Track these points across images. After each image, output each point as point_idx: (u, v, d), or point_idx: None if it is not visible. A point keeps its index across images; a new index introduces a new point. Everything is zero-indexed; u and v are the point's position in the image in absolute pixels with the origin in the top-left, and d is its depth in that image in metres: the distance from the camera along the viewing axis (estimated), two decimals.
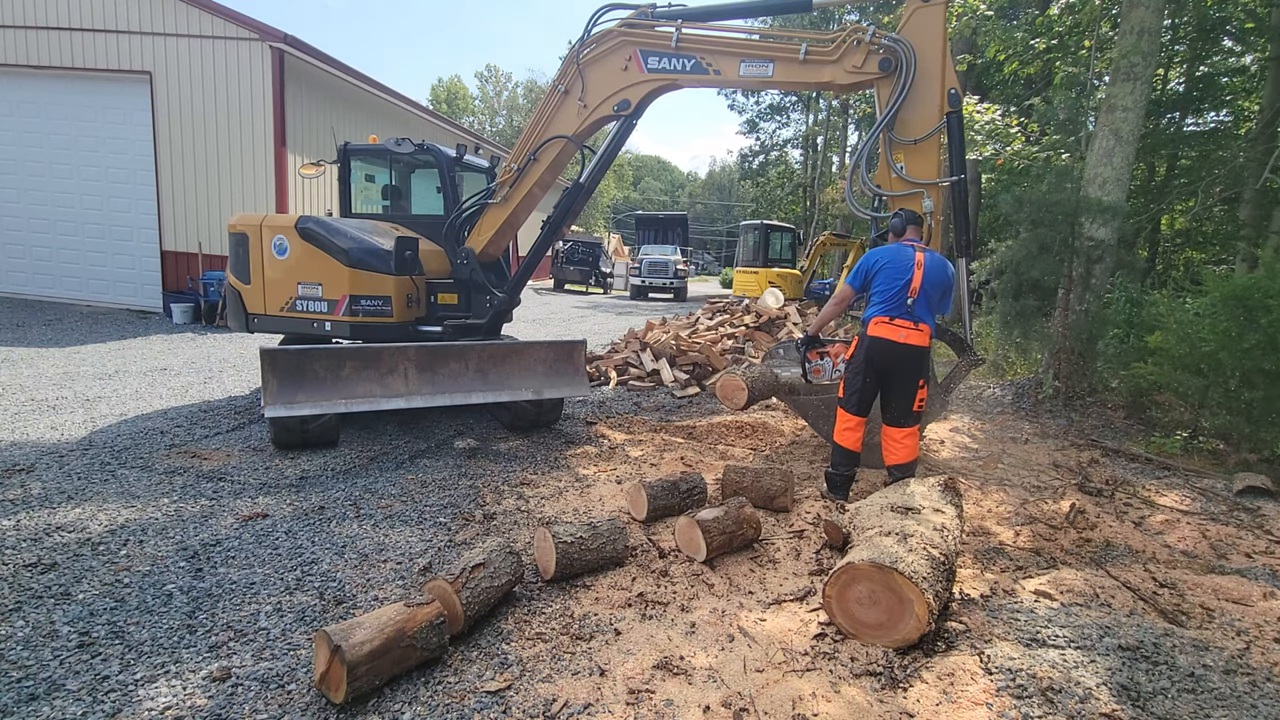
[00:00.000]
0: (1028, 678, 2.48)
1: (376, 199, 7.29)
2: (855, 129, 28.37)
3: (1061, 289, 7.34)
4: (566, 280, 25.65)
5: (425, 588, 2.81)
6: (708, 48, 5.16)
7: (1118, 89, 7.35)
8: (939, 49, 4.69)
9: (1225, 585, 3.36)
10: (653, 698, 2.39)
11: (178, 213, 11.85)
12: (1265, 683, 2.52)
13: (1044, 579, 3.37)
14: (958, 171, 4.72)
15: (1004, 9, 12.29)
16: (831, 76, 4.92)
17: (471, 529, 3.92)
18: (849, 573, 2.78)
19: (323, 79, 12.60)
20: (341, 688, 2.26)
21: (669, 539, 3.74)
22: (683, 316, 12.58)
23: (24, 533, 3.59)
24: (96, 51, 11.54)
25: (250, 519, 3.90)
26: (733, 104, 38.52)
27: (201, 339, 10.09)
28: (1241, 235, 10.37)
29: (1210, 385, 5.64)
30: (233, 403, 6.61)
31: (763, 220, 23.38)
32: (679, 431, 6.18)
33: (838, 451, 4.41)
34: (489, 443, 5.70)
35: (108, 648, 2.64)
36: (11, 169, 12.16)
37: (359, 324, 5.61)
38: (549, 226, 5.97)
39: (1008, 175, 12.42)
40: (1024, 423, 6.81)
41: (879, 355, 4.20)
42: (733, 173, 62.14)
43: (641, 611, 3.00)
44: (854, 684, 2.48)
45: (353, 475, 4.75)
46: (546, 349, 5.70)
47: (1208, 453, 5.89)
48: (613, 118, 5.55)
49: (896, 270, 4.16)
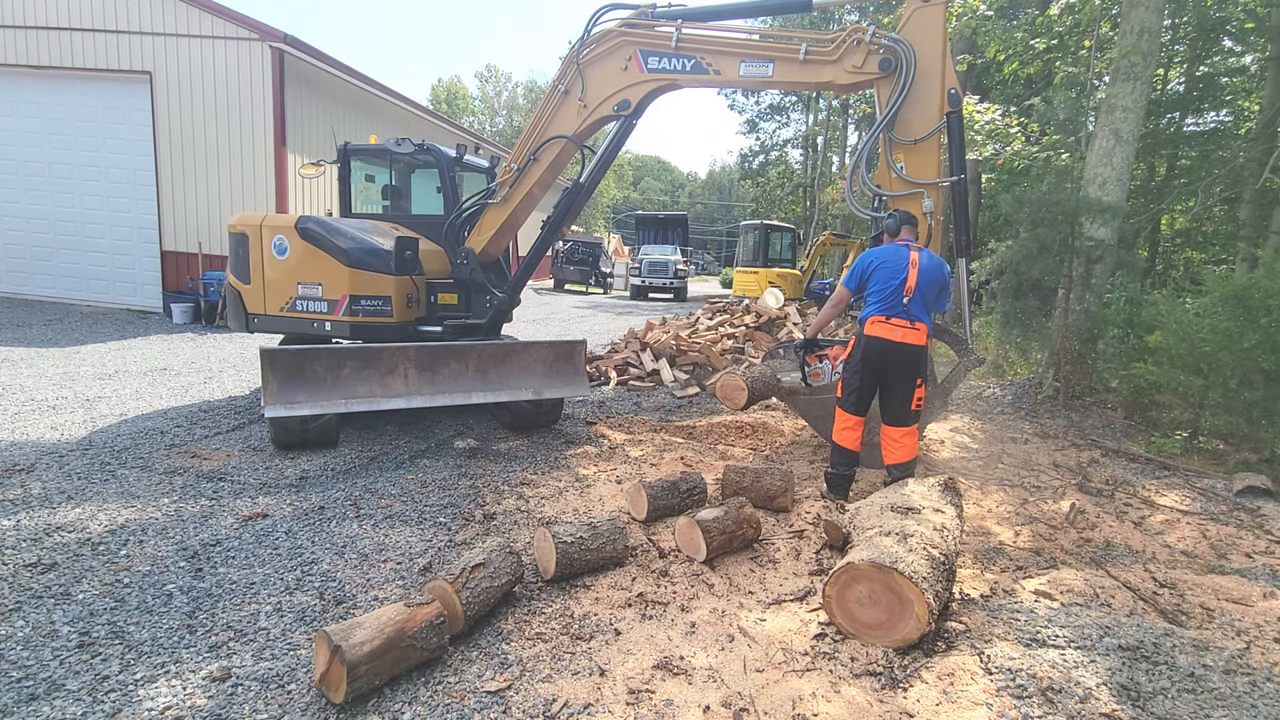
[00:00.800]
0: (1028, 678, 2.48)
1: (376, 199, 7.29)
2: (855, 129, 28.37)
3: (1061, 289, 7.34)
4: (566, 280, 25.64)
5: (425, 588, 2.81)
6: (708, 48, 5.16)
7: (1118, 89, 7.35)
8: (939, 49, 4.69)
9: (1225, 585, 3.36)
10: (653, 698, 2.39)
11: (178, 213, 11.85)
12: (1265, 683, 2.52)
13: (1044, 579, 3.37)
14: (958, 171, 4.72)
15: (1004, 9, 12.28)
16: (831, 76, 4.92)
17: (471, 529, 3.92)
18: (849, 573, 2.78)
19: (323, 79, 12.60)
20: (341, 688, 2.26)
21: (669, 539, 3.74)
22: (683, 316, 12.58)
23: (24, 533, 3.59)
24: (96, 51, 11.54)
25: (250, 519, 3.90)
26: (733, 104, 38.56)
27: (201, 339, 10.09)
28: (1241, 235, 10.36)
29: (1210, 385, 5.63)
30: (233, 403, 6.61)
31: (763, 220, 23.38)
32: (679, 431, 6.18)
33: (837, 451, 4.42)
34: (489, 443, 5.69)
35: (108, 648, 2.64)
36: (11, 169, 12.16)
37: (359, 324, 5.61)
38: (549, 226, 5.97)
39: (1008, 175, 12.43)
40: (1024, 423, 6.81)
41: (876, 355, 4.22)
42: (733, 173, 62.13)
43: (641, 611, 3.00)
44: (854, 684, 2.48)
45: (353, 475, 4.75)
46: (546, 349, 5.70)
47: (1208, 453, 5.89)
48: (613, 118, 5.55)
49: (892, 270, 4.18)
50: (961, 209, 4.80)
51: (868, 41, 4.73)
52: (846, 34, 4.80)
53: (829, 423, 4.60)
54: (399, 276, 5.63)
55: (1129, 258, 8.46)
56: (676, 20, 5.22)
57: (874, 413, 4.44)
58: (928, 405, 4.64)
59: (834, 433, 4.45)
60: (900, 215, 4.44)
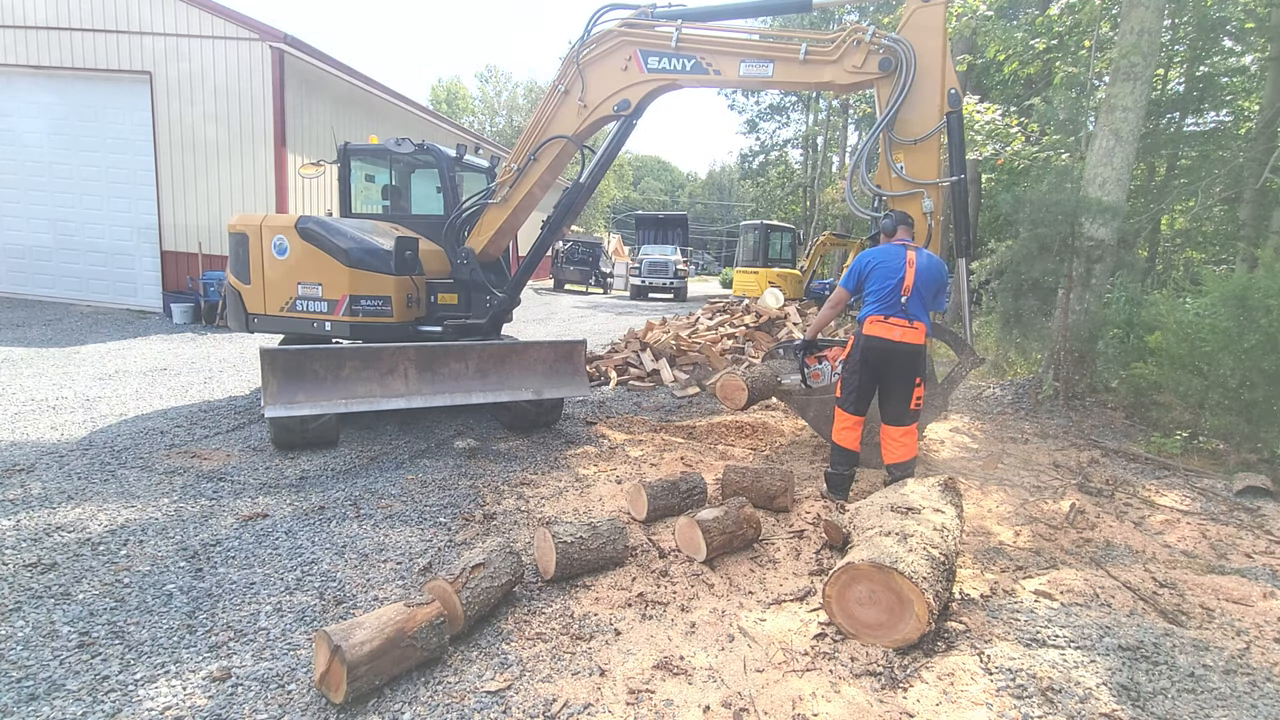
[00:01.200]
0: (1028, 678, 2.48)
1: (376, 199, 7.29)
2: (855, 129, 28.35)
3: (1061, 289, 7.34)
4: (566, 280, 25.63)
5: (425, 588, 2.81)
6: (708, 48, 5.16)
7: (1118, 89, 7.35)
8: (939, 49, 4.69)
9: (1225, 585, 3.36)
10: (653, 698, 2.39)
11: (178, 213, 11.85)
12: (1265, 683, 2.52)
13: (1044, 579, 3.37)
14: (958, 171, 4.73)
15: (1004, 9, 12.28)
16: (831, 76, 4.92)
17: (471, 529, 3.92)
18: (849, 573, 2.78)
19: (323, 79, 12.60)
20: (341, 688, 2.26)
21: (669, 539, 3.74)
22: (683, 316, 12.59)
23: (24, 533, 3.59)
24: (96, 51, 11.53)
25: (250, 519, 3.90)
26: (733, 104, 38.53)
27: (201, 339, 10.09)
28: (1241, 235, 10.36)
29: (1210, 385, 5.63)
30: (233, 403, 6.61)
31: (763, 220, 23.38)
32: (679, 431, 6.18)
33: (837, 451, 4.43)
34: (489, 443, 5.69)
35: (108, 648, 2.64)
36: (11, 169, 12.16)
37: (359, 324, 5.61)
38: (549, 226, 5.97)
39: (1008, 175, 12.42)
40: (1024, 423, 6.81)
41: (875, 354, 4.23)
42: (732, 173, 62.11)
43: (641, 611, 3.00)
44: (854, 684, 2.48)
45: (353, 475, 4.75)
46: (546, 349, 5.70)
47: (1208, 453, 5.89)
48: (613, 118, 5.55)
49: (889, 270, 4.20)
50: (961, 209, 4.80)
51: (868, 41, 4.73)
52: (846, 34, 4.80)
53: (829, 423, 4.61)
54: (399, 276, 5.63)
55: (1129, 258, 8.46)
56: (676, 20, 5.22)
57: (874, 413, 4.44)
58: (928, 405, 4.64)
59: (833, 432, 4.46)
60: (897, 216, 4.46)
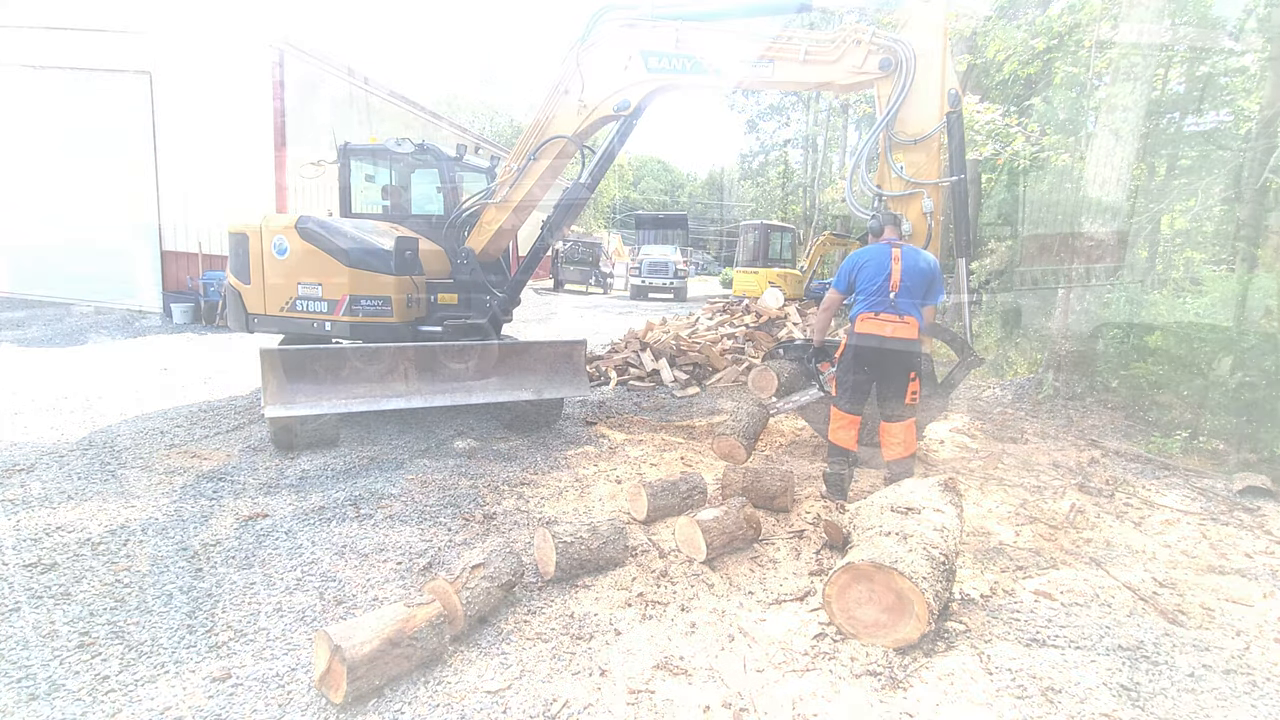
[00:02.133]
0: (1028, 678, 2.48)
1: (376, 199, 7.28)
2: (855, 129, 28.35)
3: (1061, 289, 7.34)
4: (566, 280, 25.61)
5: (425, 588, 2.81)
6: (708, 48, 5.16)
7: (1118, 89, 7.35)
8: (939, 49, 4.70)
9: (1225, 585, 3.36)
10: (653, 698, 2.39)
11: (178, 213, 11.85)
12: (1265, 683, 2.52)
13: (1044, 579, 3.37)
14: (958, 171, 4.73)
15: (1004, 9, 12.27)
16: (832, 76, 4.93)
17: (471, 529, 3.92)
18: (849, 572, 2.78)
19: (323, 79, 12.60)
20: (341, 688, 2.26)
21: (669, 539, 3.74)
22: (683, 316, 12.59)
23: (24, 533, 3.59)
24: (97, 51, 11.53)
25: (250, 519, 3.89)
26: (733, 104, 38.52)
27: (201, 339, 10.09)
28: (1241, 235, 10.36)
29: (1210, 385, 5.63)
30: (233, 403, 6.61)
31: (763, 220, 23.37)
32: (679, 431, 6.18)
33: (833, 450, 4.46)
34: (489, 443, 5.69)
35: (108, 648, 2.64)
36: (12, 169, 12.16)
37: (359, 324, 5.60)
38: (549, 227, 5.97)
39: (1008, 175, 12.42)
40: (1024, 423, 6.81)
41: (867, 350, 4.29)
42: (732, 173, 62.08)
43: (641, 611, 3.00)
44: (854, 684, 2.48)
45: (353, 475, 4.75)
46: (546, 349, 5.70)
47: (1208, 453, 5.88)
48: (613, 118, 5.55)
49: (876, 268, 4.28)
50: (961, 209, 4.80)
51: (868, 41, 4.74)
52: (847, 34, 4.81)
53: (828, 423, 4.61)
54: (399, 276, 5.62)
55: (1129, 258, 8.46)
56: (676, 21, 5.22)
57: (873, 413, 4.45)
58: (928, 405, 4.65)
59: (830, 431, 4.48)
60: (883, 216, 4.53)
